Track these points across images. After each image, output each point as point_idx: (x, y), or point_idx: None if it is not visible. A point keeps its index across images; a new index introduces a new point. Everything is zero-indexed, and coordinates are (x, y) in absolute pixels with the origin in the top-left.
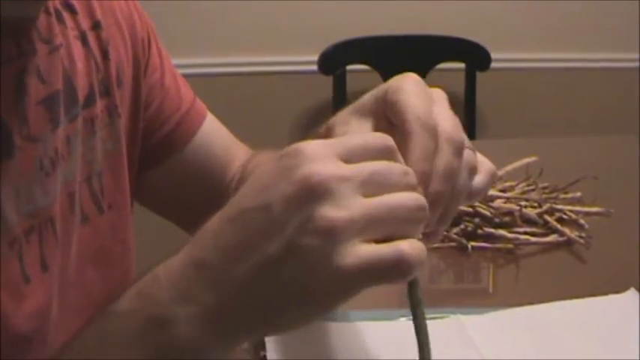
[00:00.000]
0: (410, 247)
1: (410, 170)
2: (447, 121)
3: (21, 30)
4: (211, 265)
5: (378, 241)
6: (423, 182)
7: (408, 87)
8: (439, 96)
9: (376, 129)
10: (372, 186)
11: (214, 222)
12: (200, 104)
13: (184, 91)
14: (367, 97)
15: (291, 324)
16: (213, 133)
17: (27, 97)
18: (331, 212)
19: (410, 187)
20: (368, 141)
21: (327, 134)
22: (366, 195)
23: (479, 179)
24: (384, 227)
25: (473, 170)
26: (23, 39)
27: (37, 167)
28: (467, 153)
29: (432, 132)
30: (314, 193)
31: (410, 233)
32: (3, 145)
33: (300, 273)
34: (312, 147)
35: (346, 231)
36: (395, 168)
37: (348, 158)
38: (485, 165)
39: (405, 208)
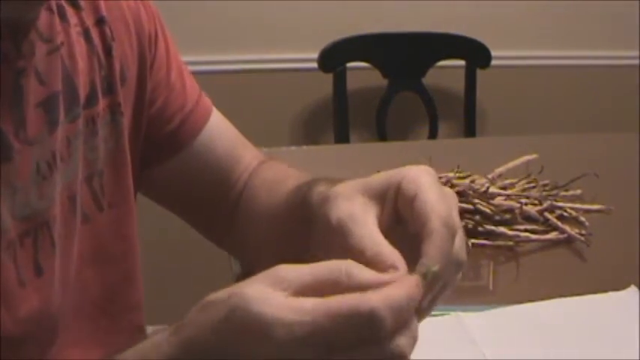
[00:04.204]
0: None
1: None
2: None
3: (20, 31)
4: None
5: None
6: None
7: (425, 181)
8: (450, 194)
9: (380, 217)
10: None
11: None
12: (206, 100)
13: (190, 86)
14: (379, 179)
15: None
16: (219, 131)
17: (25, 99)
18: None
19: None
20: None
21: (325, 203)
22: None
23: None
24: None
25: (460, 265)
26: (22, 40)
27: (33, 170)
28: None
29: (453, 233)
30: None
31: None
32: (1, 147)
33: None
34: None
35: None
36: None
37: None
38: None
39: None
